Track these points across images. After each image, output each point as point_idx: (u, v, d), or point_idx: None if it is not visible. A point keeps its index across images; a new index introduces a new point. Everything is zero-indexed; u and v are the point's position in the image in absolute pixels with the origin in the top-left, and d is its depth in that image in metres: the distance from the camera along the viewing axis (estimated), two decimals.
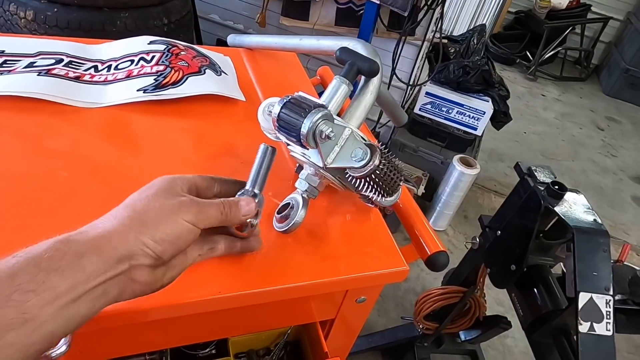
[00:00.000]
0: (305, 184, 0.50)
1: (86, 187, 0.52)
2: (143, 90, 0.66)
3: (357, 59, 0.51)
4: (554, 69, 4.32)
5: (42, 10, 1.46)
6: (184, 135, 0.64)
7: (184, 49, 0.76)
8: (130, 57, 0.73)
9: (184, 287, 0.45)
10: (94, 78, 0.68)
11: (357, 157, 0.44)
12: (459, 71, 2.09)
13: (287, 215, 0.50)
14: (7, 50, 0.68)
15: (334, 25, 2.01)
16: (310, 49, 0.67)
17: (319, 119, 0.43)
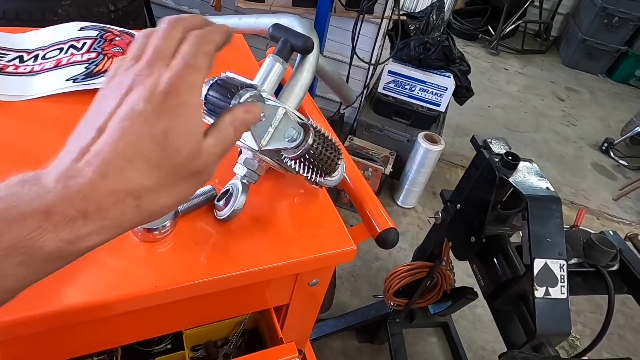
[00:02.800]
0: (243, 168, 0.49)
1: None
2: (73, 80, 0.62)
3: (290, 36, 0.49)
4: (515, 43, 4.39)
5: None
6: None
7: (119, 34, 0.72)
8: (59, 45, 0.68)
9: (126, 282, 0.43)
10: (18, 69, 0.64)
11: (290, 138, 0.42)
12: (419, 48, 2.09)
13: (228, 202, 0.49)
14: None
15: (291, 6, 1.97)
16: (249, 28, 0.64)
17: (247, 99, 0.41)
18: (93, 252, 0.40)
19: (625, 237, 1.14)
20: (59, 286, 0.41)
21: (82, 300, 0.40)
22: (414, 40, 2.10)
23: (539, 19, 4.49)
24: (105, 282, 0.42)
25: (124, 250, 0.46)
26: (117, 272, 0.44)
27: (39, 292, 0.40)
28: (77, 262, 0.42)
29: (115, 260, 0.45)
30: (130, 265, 0.45)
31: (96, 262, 0.44)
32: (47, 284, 0.41)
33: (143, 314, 0.48)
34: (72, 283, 0.42)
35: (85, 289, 0.42)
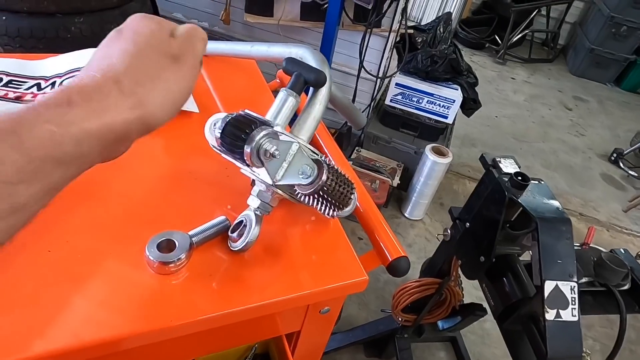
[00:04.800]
0: (257, 200, 0.49)
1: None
2: None
3: (303, 70, 0.50)
4: (522, 52, 4.39)
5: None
6: (135, 152, 0.62)
7: None
8: (75, 73, 0.70)
9: (141, 317, 0.43)
10: (36, 97, 0.65)
11: (304, 174, 0.43)
12: (426, 61, 2.10)
13: (241, 233, 0.49)
14: None
15: (299, 20, 1.98)
16: (261, 55, 0.65)
17: (262, 137, 0.41)
18: (108, 283, 0.40)
19: (637, 256, 1.13)
20: (73, 320, 0.42)
21: (97, 337, 0.41)
22: (421, 53, 2.11)
23: (546, 28, 4.48)
24: (120, 317, 0.43)
25: (140, 283, 0.46)
26: (132, 306, 0.44)
27: (53, 326, 0.41)
28: (92, 294, 0.43)
29: (131, 293, 0.45)
30: (146, 299, 0.45)
31: (111, 295, 0.45)
32: (62, 318, 0.41)
33: (156, 345, 0.48)
34: (87, 318, 0.42)
35: (100, 324, 0.42)
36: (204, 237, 0.50)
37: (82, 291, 0.45)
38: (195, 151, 0.65)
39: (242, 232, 0.49)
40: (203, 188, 0.59)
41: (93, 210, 0.52)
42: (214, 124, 0.50)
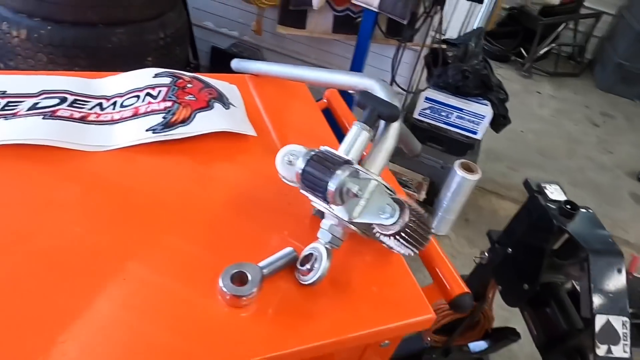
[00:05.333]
0: (328, 234, 0.49)
1: (103, 243, 0.50)
2: (152, 131, 0.64)
3: (377, 105, 0.50)
4: (547, 65, 4.33)
5: (35, 29, 1.43)
6: (197, 177, 0.62)
7: (190, 80, 0.74)
8: (135, 93, 0.70)
9: (211, 354, 0.43)
10: (99, 117, 0.66)
11: (386, 215, 0.43)
12: (457, 76, 2.08)
13: (311, 267, 0.49)
14: (9, 91, 0.65)
15: (331, 33, 1.99)
16: (322, 81, 0.65)
17: (347, 177, 0.41)
18: (179, 311, 0.40)
19: None
20: (143, 346, 0.42)
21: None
22: (452, 68, 2.09)
23: (573, 41, 4.42)
24: (190, 346, 0.43)
25: (210, 316, 0.46)
26: (202, 340, 0.44)
27: (126, 351, 0.41)
28: (163, 322, 0.42)
29: (201, 327, 0.45)
30: (215, 334, 0.45)
31: (181, 324, 0.45)
32: (132, 343, 0.42)
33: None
34: (157, 344, 0.42)
35: (170, 352, 0.42)
36: (273, 269, 0.50)
37: (154, 319, 0.45)
38: (254, 176, 0.65)
39: (312, 266, 0.49)
40: (264, 215, 0.59)
41: (161, 237, 0.53)
42: (287, 156, 0.50)
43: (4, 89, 0.66)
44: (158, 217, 0.55)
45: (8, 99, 0.64)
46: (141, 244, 0.51)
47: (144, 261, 0.49)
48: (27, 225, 0.50)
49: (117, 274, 0.47)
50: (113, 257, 0.48)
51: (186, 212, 0.57)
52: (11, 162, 0.57)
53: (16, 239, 0.48)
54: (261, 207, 0.60)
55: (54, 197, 0.54)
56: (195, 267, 0.50)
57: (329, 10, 1.91)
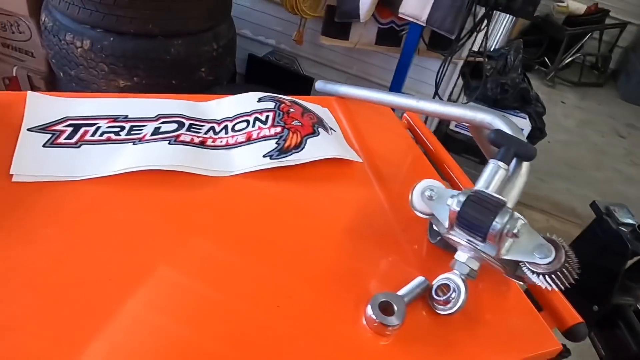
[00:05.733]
0: (466, 267, 0.51)
1: (246, 268, 0.52)
2: (269, 157, 0.66)
3: (514, 144, 0.52)
4: (571, 75, 4.33)
5: (98, 40, 1.47)
6: (313, 203, 0.65)
7: (290, 104, 0.77)
8: (244, 117, 0.73)
9: None
10: (215, 142, 0.69)
11: (541, 254, 0.45)
12: (497, 89, 2.10)
13: (448, 298, 0.51)
14: (130, 115, 0.69)
15: (373, 45, 2.01)
16: (431, 112, 0.68)
17: (509, 219, 0.43)
18: (324, 339, 0.41)
19: None
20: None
21: None
22: (491, 81, 2.11)
23: (597, 51, 4.42)
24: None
25: (351, 339, 0.49)
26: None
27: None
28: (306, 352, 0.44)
29: (346, 352, 0.47)
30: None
31: (326, 354, 0.47)
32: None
33: None
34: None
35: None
36: (411, 298, 0.52)
37: (299, 341, 0.47)
38: (365, 202, 0.67)
39: (450, 297, 0.51)
40: (382, 241, 0.62)
41: (299, 263, 0.55)
42: (429, 192, 0.53)
43: (126, 112, 0.69)
44: (286, 241, 0.57)
45: (131, 123, 0.67)
46: (283, 272, 0.54)
47: (291, 288, 0.52)
48: (168, 247, 0.53)
49: (271, 301, 0.50)
50: (267, 286, 0.51)
51: (311, 237, 0.59)
52: (144, 187, 0.59)
53: (160, 260, 0.51)
54: (378, 234, 0.62)
55: (193, 221, 0.57)
56: (339, 295, 0.53)
57: (373, 22, 1.93)
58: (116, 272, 0.48)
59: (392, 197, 0.69)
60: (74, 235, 0.51)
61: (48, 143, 0.61)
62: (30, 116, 0.64)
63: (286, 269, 0.54)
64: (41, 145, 0.60)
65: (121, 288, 0.47)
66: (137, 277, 0.48)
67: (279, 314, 0.49)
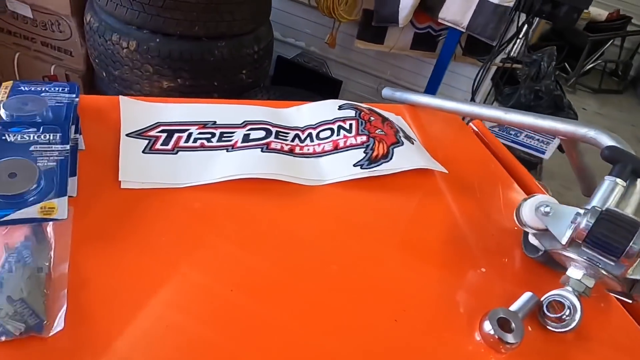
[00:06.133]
0: (582, 285, 0.51)
1: (357, 280, 0.52)
2: (360, 166, 0.66)
3: (630, 160, 0.52)
4: (590, 81, 4.31)
5: (144, 41, 1.47)
6: (407, 215, 0.65)
7: (369, 112, 0.77)
8: (327, 125, 0.73)
9: None
10: (303, 150, 0.69)
11: None
12: (530, 95, 2.09)
13: (562, 317, 0.51)
14: (218, 121, 0.69)
15: (408, 49, 2.01)
16: (522, 124, 0.67)
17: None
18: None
19: None
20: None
21: None
22: (524, 87, 2.10)
23: (618, 57, 4.39)
24: None
25: (466, 355, 0.48)
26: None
27: None
28: None
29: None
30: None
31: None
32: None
33: None
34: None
35: None
36: (523, 315, 0.51)
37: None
38: (455, 213, 0.67)
39: (563, 315, 0.51)
40: (479, 255, 0.61)
41: (408, 275, 0.55)
42: (544, 208, 0.52)
43: (213, 118, 0.69)
44: (390, 253, 0.57)
45: (220, 130, 0.67)
46: (392, 282, 0.53)
47: (407, 304, 0.51)
48: (281, 257, 0.52)
49: (389, 316, 0.49)
50: (384, 302, 0.51)
51: (412, 249, 0.59)
52: (244, 195, 0.59)
53: (276, 271, 0.51)
54: (474, 247, 0.62)
55: (297, 232, 0.57)
56: (436, 304, 0.52)
57: (409, 27, 1.93)
58: (237, 282, 0.48)
59: (482, 209, 0.69)
60: (188, 244, 0.51)
61: (147, 149, 0.61)
62: (126, 121, 0.64)
63: (395, 282, 0.54)
64: (141, 151, 0.61)
65: (244, 299, 0.47)
66: (259, 287, 0.48)
67: (396, 328, 0.49)
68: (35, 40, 1.84)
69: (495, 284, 0.58)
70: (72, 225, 0.48)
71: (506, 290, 0.57)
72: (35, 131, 0.52)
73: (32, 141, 0.51)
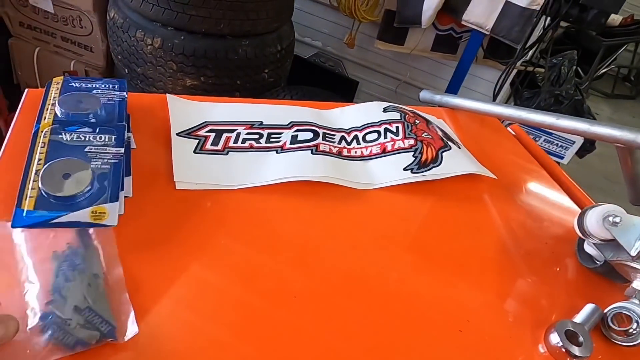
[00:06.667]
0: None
1: (415, 288, 0.51)
2: (410, 170, 0.65)
3: None
4: (603, 86, 4.28)
5: (169, 38, 1.46)
6: (460, 221, 0.63)
7: (414, 115, 0.75)
8: (373, 127, 0.72)
9: None
10: (350, 153, 0.68)
11: None
12: (550, 100, 2.07)
13: (629, 330, 0.49)
14: (265, 122, 0.67)
15: (429, 51, 1.99)
16: (575, 130, 0.66)
17: None
18: None
19: None
20: None
21: None
22: (545, 92, 2.08)
23: (631, 62, 4.36)
24: None
25: None
26: None
27: None
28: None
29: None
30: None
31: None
32: None
33: None
34: None
35: None
36: (589, 327, 0.50)
37: None
38: (508, 220, 0.65)
39: (630, 328, 0.49)
40: (534, 264, 0.60)
41: (466, 285, 0.54)
42: (613, 218, 0.51)
43: (260, 119, 0.68)
44: (447, 260, 0.56)
45: (268, 130, 0.66)
46: (452, 292, 0.52)
47: (474, 313, 0.50)
48: (337, 262, 0.51)
49: (453, 325, 0.48)
50: (447, 313, 0.49)
51: (467, 256, 0.58)
52: (296, 197, 0.58)
53: (332, 275, 0.49)
54: (528, 255, 0.61)
55: (354, 236, 0.55)
56: (498, 315, 0.51)
57: (431, 28, 1.91)
58: (298, 288, 0.47)
59: (532, 216, 0.67)
60: (247, 247, 0.50)
61: (198, 149, 0.60)
62: (175, 120, 0.63)
63: (453, 291, 0.53)
64: (192, 151, 0.59)
65: (306, 304, 0.45)
66: (320, 293, 0.47)
67: (461, 338, 0.48)
68: (56, 35, 1.83)
69: (553, 295, 0.57)
70: (128, 226, 0.47)
71: (565, 302, 0.56)
72: (91, 132, 0.51)
73: (88, 142, 0.50)
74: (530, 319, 0.52)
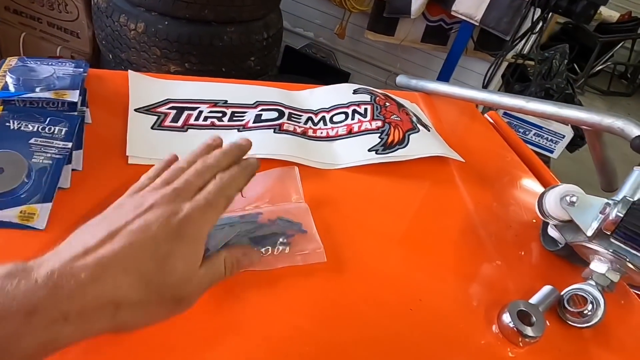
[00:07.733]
0: (606, 279, 0.49)
1: (374, 267, 0.50)
2: (375, 151, 0.64)
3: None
4: (599, 83, 4.27)
5: (152, 23, 1.45)
6: (423, 202, 0.63)
7: (385, 98, 0.74)
8: (341, 109, 0.71)
9: None
10: (316, 133, 0.67)
11: None
12: (540, 93, 2.06)
13: (584, 312, 0.49)
14: (230, 100, 0.66)
15: (419, 42, 1.98)
16: (544, 113, 0.65)
17: None
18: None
19: None
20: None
21: None
22: (535, 85, 2.07)
23: (627, 60, 4.35)
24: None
25: (482, 347, 0.46)
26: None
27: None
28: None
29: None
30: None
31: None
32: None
33: None
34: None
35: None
36: (544, 309, 0.49)
37: (436, 350, 0.45)
38: (473, 203, 0.64)
39: (584, 310, 0.49)
40: (497, 246, 0.59)
41: (422, 264, 0.53)
42: (570, 197, 0.50)
43: (224, 97, 0.67)
44: (407, 240, 0.55)
45: (232, 109, 0.65)
46: (408, 270, 0.51)
47: (415, 289, 0.49)
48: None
49: (404, 305, 0.48)
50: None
51: (428, 237, 0.57)
52: None
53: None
54: (492, 238, 0.60)
55: (315, 215, 0.54)
56: (451, 294, 0.50)
57: (421, 19, 1.90)
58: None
59: (499, 200, 0.67)
60: None
61: (156, 125, 0.59)
62: (135, 96, 0.62)
63: (410, 270, 0.52)
64: (149, 127, 0.58)
65: (259, 281, 0.45)
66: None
67: (412, 316, 0.47)
68: (42, 20, 1.82)
69: (513, 276, 0.56)
70: (76, 198, 0.46)
71: (524, 284, 0.55)
72: (41, 121, 0.49)
73: (34, 133, 0.48)
74: (486, 300, 0.51)
